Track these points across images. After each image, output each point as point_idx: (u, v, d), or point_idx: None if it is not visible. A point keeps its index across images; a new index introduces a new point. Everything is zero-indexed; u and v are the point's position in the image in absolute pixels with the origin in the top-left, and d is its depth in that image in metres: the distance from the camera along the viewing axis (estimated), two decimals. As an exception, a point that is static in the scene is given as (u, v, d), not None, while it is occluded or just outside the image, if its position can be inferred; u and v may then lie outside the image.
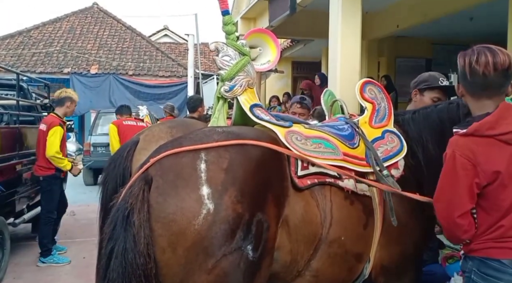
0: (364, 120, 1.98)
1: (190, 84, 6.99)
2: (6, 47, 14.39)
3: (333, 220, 1.72)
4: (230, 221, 1.45)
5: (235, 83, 1.77)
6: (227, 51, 1.77)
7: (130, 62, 14.60)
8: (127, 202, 1.47)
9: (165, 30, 21.78)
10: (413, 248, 1.95)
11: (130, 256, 1.41)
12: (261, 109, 1.81)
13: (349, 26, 5.19)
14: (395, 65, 9.23)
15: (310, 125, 1.91)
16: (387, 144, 1.91)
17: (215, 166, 1.50)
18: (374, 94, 2.04)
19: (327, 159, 1.76)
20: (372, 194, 1.83)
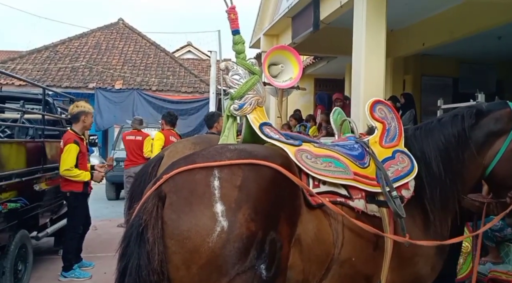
0: (374, 139, 2.00)
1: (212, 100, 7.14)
2: (33, 61, 15.09)
3: (344, 240, 1.73)
4: (244, 240, 1.46)
5: (244, 101, 1.83)
6: (237, 70, 1.84)
7: (153, 78, 15.03)
8: (141, 219, 1.49)
9: (189, 46, 22.36)
10: (427, 270, 1.94)
11: (144, 273, 1.43)
12: (270, 127, 1.86)
13: (374, 44, 5.22)
14: (420, 83, 9.16)
15: (320, 144, 1.94)
16: (397, 164, 1.92)
17: (228, 183, 1.52)
18: (384, 113, 2.06)
19: (338, 178, 1.78)
20: (382, 215, 1.84)
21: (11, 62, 14.75)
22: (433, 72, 9.06)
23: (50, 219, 5.05)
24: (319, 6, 6.55)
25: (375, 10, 5.19)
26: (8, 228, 3.81)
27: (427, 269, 1.93)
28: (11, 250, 3.82)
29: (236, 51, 1.89)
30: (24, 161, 4.36)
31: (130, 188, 3.00)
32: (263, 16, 9.25)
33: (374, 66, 5.29)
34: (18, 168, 4.20)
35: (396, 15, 6.14)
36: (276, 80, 1.99)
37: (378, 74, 5.30)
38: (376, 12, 5.20)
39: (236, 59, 1.87)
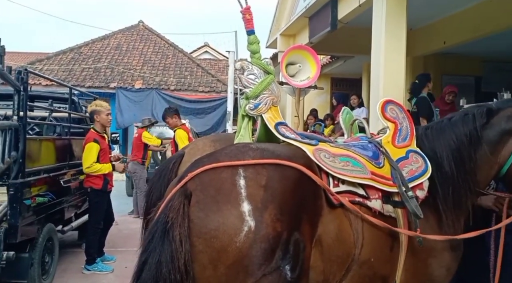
0: (387, 139, 1.98)
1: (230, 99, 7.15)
2: (58, 62, 15.47)
3: (364, 240, 1.71)
4: (270, 240, 1.45)
5: (260, 101, 1.83)
6: (252, 70, 1.84)
7: (172, 78, 15.18)
8: (167, 216, 1.48)
9: (206, 47, 22.52)
10: (442, 271, 1.91)
11: (164, 270, 1.42)
12: (286, 127, 1.86)
13: (393, 43, 5.13)
14: (441, 82, 8.95)
15: (336, 144, 1.92)
16: (412, 164, 1.89)
17: (254, 182, 1.51)
18: (395, 113, 2.04)
19: (356, 177, 1.76)
20: (397, 216, 1.82)
21: (39, 63, 15.17)
22: (454, 71, 8.84)
23: (75, 214, 5.20)
24: (337, 6, 6.49)
25: (395, 9, 5.11)
26: (36, 221, 3.94)
27: (441, 270, 1.90)
28: (39, 242, 3.94)
29: (251, 51, 1.89)
30: (52, 158, 4.51)
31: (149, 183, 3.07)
32: (279, 16, 9.22)
33: (393, 66, 5.20)
34: (47, 164, 4.34)
35: (416, 14, 6.03)
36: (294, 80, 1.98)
37: (398, 74, 5.20)
38: (396, 11, 5.11)
39: (251, 59, 1.86)
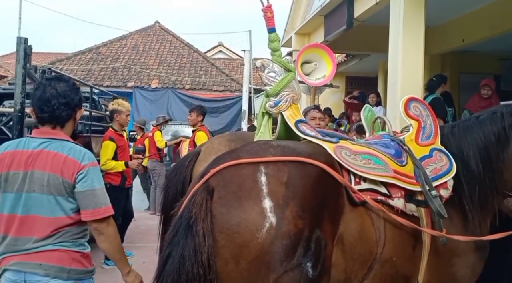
0: (410, 137, 1.95)
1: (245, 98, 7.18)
2: (78, 62, 15.74)
3: (386, 239, 1.69)
4: (291, 237, 1.45)
5: (280, 98, 1.82)
6: (272, 68, 1.83)
7: (187, 77, 15.29)
8: (191, 211, 1.49)
9: (220, 46, 22.59)
10: (467, 271, 1.88)
11: (187, 264, 1.43)
12: (306, 124, 1.85)
13: (411, 41, 5.06)
14: (458, 81, 8.79)
15: (357, 141, 1.91)
16: (435, 163, 1.86)
17: (275, 179, 1.51)
18: (419, 111, 2.01)
19: (378, 175, 1.74)
20: (420, 215, 1.79)
21: (59, 63, 15.46)
22: (473, 69, 8.66)
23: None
24: (353, 4, 6.43)
25: (413, 7, 5.03)
26: None
27: (465, 271, 1.87)
28: None
29: (272, 48, 1.88)
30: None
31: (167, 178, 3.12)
32: (294, 15, 9.18)
33: (411, 64, 5.13)
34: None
35: (434, 11, 5.93)
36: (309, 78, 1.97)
37: (416, 73, 5.12)
38: (414, 9, 5.04)
39: (271, 56, 1.86)
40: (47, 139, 1.86)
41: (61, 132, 1.90)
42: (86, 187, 1.81)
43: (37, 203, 1.80)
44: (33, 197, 1.80)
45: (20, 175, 1.82)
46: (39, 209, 1.80)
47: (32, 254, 1.79)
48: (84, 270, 1.87)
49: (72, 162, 1.82)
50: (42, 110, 1.84)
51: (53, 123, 1.87)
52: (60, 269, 1.78)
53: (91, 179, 1.83)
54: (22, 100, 3.04)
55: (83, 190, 1.81)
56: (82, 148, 1.95)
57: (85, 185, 1.81)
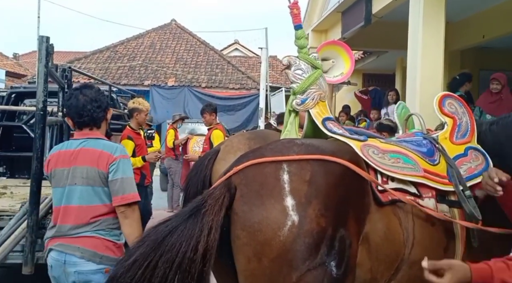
0: (444, 135, 1.88)
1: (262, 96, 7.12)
2: (95, 61, 15.91)
3: (415, 240, 1.63)
4: (314, 235, 1.42)
5: (307, 96, 1.77)
6: (299, 65, 1.79)
7: (203, 75, 15.31)
8: (205, 201, 1.49)
9: (236, 44, 22.56)
10: None
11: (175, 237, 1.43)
12: (333, 122, 1.79)
13: (431, 37, 4.96)
14: (478, 78, 8.57)
15: (386, 140, 1.84)
16: (470, 162, 1.79)
17: (297, 177, 1.49)
18: (454, 108, 1.93)
19: (407, 174, 1.68)
20: (453, 216, 1.72)
21: (77, 61, 15.65)
22: (493, 66, 8.41)
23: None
24: (371, 0, 6.32)
25: (433, 2, 4.92)
26: None
27: None
28: None
29: (298, 45, 1.83)
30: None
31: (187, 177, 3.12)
32: (311, 12, 9.08)
33: (431, 61, 5.03)
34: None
35: (454, 7, 5.78)
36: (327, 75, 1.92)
37: (435, 69, 5.03)
38: (434, 4, 4.92)
39: (298, 53, 1.81)
40: (85, 139, 2.12)
41: (97, 132, 2.15)
42: (117, 176, 2.03)
43: (77, 194, 2.05)
44: (74, 189, 2.06)
45: (65, 172, 2.08)
46: (80, 199, 2.04)
47: (73, 238, 2.04)
48: (115, 259, 1.99)
49: (106, 155, 2.05)
50: (81, 115, 2.10)
51: (91, 125, 2.13)
52: (94, 254, 2.00)
53: (122, 169, 2.05)
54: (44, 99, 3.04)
55: (115, 179, 2.03)
56: (114, 143, 2.21)
57: (117, 174, 2.04)
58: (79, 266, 2.01)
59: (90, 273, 2.00)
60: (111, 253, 2.05)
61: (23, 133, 5.17)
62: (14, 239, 3.12)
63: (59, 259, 2.05)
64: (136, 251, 1.46)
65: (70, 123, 2.23)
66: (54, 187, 2.14)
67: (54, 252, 2.09)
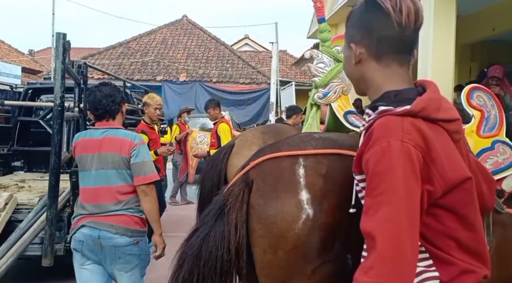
0: (471, 129, 1.81)
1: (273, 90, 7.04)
2: (109, 57, 15.91)
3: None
4: (329, 228, 1.40)
5: (329, 90, 1.71)
6: (322, 58, 1.73)
7: (214, 70, 15.24)
8: (227, 200, 1.50)
9: (246, 39, 22.42)
10: None
11: (211, 244, 1.45)
12: (355, 116, 1.73)
13: (442, 30, 4.87)
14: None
15: None
16: (497, 156, 1.73)
17: (313, 172, 1.46)
18: (483, 101, 1.86)
19: None
20: None
21: (91, 57, 15.66)
22: (503, 59, 8.21)
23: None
24: (382, -6, 6.18)
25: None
26: None
27: None
28: None
29: (321, 39, 1.76)
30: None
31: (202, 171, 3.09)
32: (322, 6, 8.94)
33: (442, 54, 4.95)
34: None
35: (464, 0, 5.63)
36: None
37: (447, 63, 4.95)
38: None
39: (321, 47, 1.74)
40: (106, 129, 2.38)
41: (114, 123, 2.42)
42: (138, 159, 2.31)
43: (106, 176, 2.32)
44: (103, 173, 2.32)
45: (89, 157, 2.34)
46: (108, 181, 2.31)
47: (105, 216, 2.29)
48: (142, 230, 2.37)
49: (127, 142, 2.32)
50: (97, 109, 2.37)
51: (107, 117, 2.39)
52: (126, 229, 2.28)
53: (141, 153, 2.33)
54: (61, 95, 3.01)
55: (136, 162, 2.31)
56: (133, 132, 2.52)
57: (138, 158, 2.31)
58: (114, 240, 2.27)
59: (124, 245, 2.27)
60: (139, 227, 2.35)
61: (40, 128, 5.19)
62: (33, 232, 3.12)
63: (93, 234, 2.28)
64: (181, 269, 1.49)
65: (91, 116, 2.49)
66: (81, 171, 2.40)
67: (86, 228, 2.30)
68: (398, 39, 1.02)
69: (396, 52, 1.04)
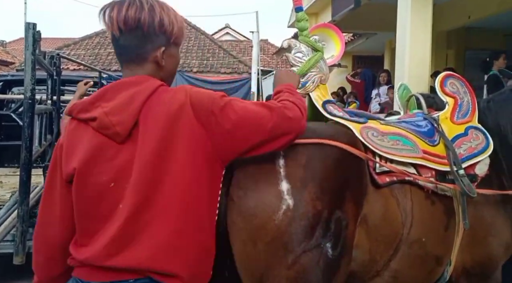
0: (445, 115, 1.81)
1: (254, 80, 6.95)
2: (85, 47, 15.44)
3: (414, 220, 1.60)
4: (309, 218, 1.38)
5: (307, 79, 1.66)
6: (300, 48, 1.67)
7: (194, 60, 15.01)
8: None
9: (227, 29, 22.13)
10: (501, 249, 1.76)
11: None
12: (334, 105, 1.70)
13: (419, 18, 4.93)
14: (464, 58, 8.52)
15: (386, 121, 1.76)
16: (471, 141, 1.74)
17: (293, 162, 1.43)
18: (456, 88, 1.87)
19: (406, 156, 1.62)
20: (453, 195, 1.68)
21: (66, 48, 15.16)
22: (478, 46, 8.38)
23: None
24: (361, -17, 6.18)
25: (421, -17, 4.82)
26: None
27: (500, 249, 1.76)
28: None
29: (299, 28, 1.71)
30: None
31: None
32: (301, -5, 8.87)
33: (419, 42, 5.04)
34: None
35: (441, -12, 5.69)
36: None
37: (423, 50, 5.04)
38: (422, -14, 4.83)
39: (299, 36, 1.69)
40: None
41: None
42: None
43: None
44: None
45: None
46: None
47: None
48: None
49: None
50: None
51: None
52: None
53: None
54: (32, 87, 2.87)
55: None
56: None
57: None
58: None
59: None
60: None
61: (11, 122, 4.99)
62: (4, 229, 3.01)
63: None
64: None
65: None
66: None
67: None
68: (115, 45, 1.28)
69: (119, 55, 1.29)
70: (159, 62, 1.23)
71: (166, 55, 1.25)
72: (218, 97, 1.22)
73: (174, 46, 1.29)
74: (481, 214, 1.71)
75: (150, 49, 1.21)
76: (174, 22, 1.24)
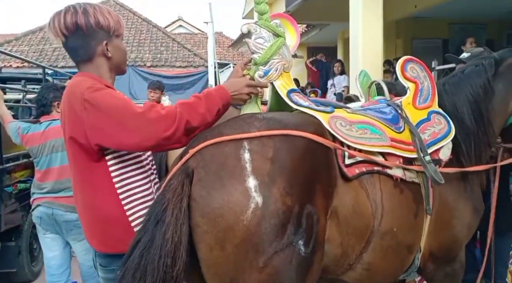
0: (407, 101, 1.80)
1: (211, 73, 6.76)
2: (28, 43, 14.41)
3: (384, 210, 1.56)
4: (280, 215, 1.29)
5: (270, 67, 1.56)
6: (260, 33, 1.56)
7: (147, 54, 14.47)
8: (165, 197, 1.31)
9: (180, 21, 21.56)
10: (464, 231, 1.81)
11: (152, 253, 1.26)
12: (299, 94, 1.63)
13: (371, 8, 5.04)
14: (411, 46, 8.86)
15: (353, 109, 1.73)
16: (434, 126, 1.73)
17: (259, 155, 1.34)
18: (416, 72, 1.84)
19: (375, 145, 1.59)
20: (420, 182, 1.68)
21: (7, 44, 14.03)
22: (424, 35, 8.76)
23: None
24: (313, -27, 6.20)
25: (372, -26, 4.93)
26: (20, 208, 3.74)
27: (464, 231, 1.80)
28: (24, 229, 3.81)
29: (259, 11, 1.58)
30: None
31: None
32: (254, -15, 8.79)
33: (371, 32, 5.15)
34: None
35: (390, -22, 5.83)
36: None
37: (376, 39, 5.15)
38: (373, -24, 4.94)
39: (259, 20, 1.58)
40: (50, 121, 2.96)
41: (53, 115, 2.97)
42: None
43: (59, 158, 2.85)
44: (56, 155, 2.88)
45: (39, 147, 2.89)
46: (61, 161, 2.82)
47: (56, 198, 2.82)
48: None
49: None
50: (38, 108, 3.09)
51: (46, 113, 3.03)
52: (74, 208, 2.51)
53: None
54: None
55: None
56: None
57: None
58: (66, 216, 2.78)
59: (74, 220, 2.70)
60: None
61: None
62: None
63: (47, 212, 2.82)
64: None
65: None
66: (34, 159, 2.95)
67: (42, 207, 2.84)
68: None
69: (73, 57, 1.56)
70: (106, 54, 1.47)
71: (111, 47, 1.48)
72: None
73: (116, 37, 1.50)
74: (445, 199, 1.73)
75: (94, 45, 1.45)
76: (109, 17, 1.46)
